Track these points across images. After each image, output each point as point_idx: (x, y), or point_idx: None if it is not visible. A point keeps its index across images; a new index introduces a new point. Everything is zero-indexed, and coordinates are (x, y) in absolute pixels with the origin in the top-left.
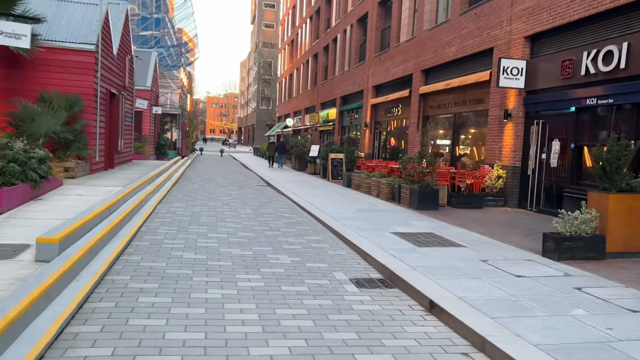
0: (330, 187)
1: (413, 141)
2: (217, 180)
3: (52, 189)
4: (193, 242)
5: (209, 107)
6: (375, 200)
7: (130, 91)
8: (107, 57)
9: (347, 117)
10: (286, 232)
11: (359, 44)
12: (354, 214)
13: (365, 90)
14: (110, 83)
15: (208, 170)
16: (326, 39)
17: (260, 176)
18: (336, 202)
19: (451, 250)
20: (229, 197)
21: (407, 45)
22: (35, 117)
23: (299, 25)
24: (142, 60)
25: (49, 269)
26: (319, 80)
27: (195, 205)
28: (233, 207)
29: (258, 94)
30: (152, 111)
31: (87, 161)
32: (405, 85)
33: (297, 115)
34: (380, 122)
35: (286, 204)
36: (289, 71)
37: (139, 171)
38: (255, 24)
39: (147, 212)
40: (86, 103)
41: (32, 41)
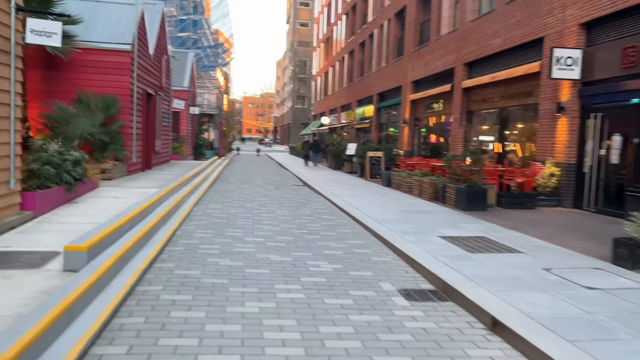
0: (368, 186)
1: (455, 137)
2: (253, 180)
3: (87, 191)
4: (229, 247)
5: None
6: (418, 201)
7: (167, 91)
8: (143, 57)
9: (384, 114)
10: (325, 235)
11: (396, 38)
12: (396, 216)
13: (403, 86)
14: (146, 83)
15: (245, 170)
16: (362, 35)
17: (296, 175)
18: (376, 203)
19: (508, 257)
20: (265, 198)
21: (449, 38)
22: (71, 119)
23: (334, 23)
24: (178, 60)
25: (75, 281)
26: (354, 77)
27: (232, 206)
28: (270, 209)
29: (293, 93)
30: (189, 111)
31: (124, 162)
32: (446, 80)
33: (332, 113)
34: (419, 118)
35: (324, 205)
36: (324, 69)
37: (176, 172)
38: (291, 23)
39: (183, 215)
40: (123, 104)
41: (69, 42)
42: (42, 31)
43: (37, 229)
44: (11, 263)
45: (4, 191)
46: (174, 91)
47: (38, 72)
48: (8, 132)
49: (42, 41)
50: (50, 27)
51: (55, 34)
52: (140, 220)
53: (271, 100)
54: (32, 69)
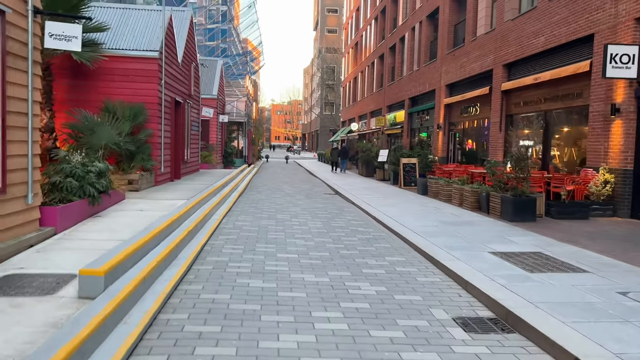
0: (403, 194)
1: (495, 143)
2: (283, 189)
3: (113, 204)
4: (261, 265)
5: (274, 115)
6: (459, 211)
7: (196, 99)
8: (171, 64)
9: (416, 119)
10: (363, 251)
11: (428, 41)
12: (438, 228)
13: (437, 90)
14: (174, 91)
15: (274, 178)
16: (392, 39)
17: (327, 183)
18: (414, 213)
19: (573, 277)
20: (297, 208)
21: (485, 38)
22: (95, 128)
23: (363, 28)
24: (207, 68)
25: (90, 311)
26: (385, 82)
27: (262, 218)
28: (302, 220)
29: (321, 100)
30: (218, 119)
31: (152, 172)
32: (484, 82)
33: (362, 119)
34: (454, 123)
35: (358, 216)
36: (353, 75)
37: (205, 181)
38: (318, 30)
39: (211, 228)
40: (150, 112)
41: (95, 50)
42: (61, 35)
43: (56, 247)
44: (23, 288)
45: (21, 207)
46: (203, 99)
47: (65, 81)
48: (25, 143)
49: (62, 45)
50: (70, 30)
51: (75, 37)
52: (166, 235)
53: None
54: (59, 78)
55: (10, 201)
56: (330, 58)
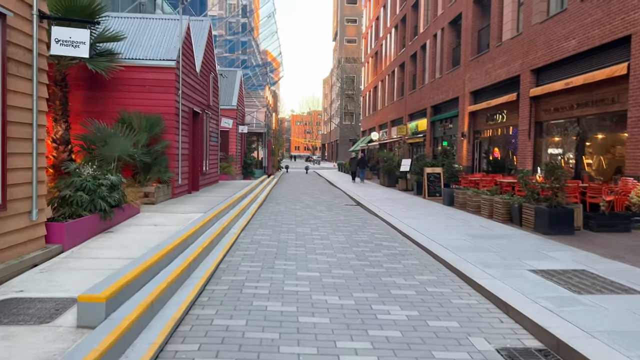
0: (428, 205)
1: (523, 151)
2: (303, 200)
3: (126, 218)
4: (280, 285)
5: (293, 125)
6: (489, 223)
7: (215, 110)
8: (189, 74)
9: (439, 128)
10: (390, 268)
11: (451, 48)
12: (469, 242)
13: (461, 97)
14: (192, 101)
15: (294, 189)
16: (413, 47)
17: (347, 194)
18: (441, 225)
19: (628, 299)
20: (317, 221)
21: (512, 43)
22: (108, 139)
23: (383, 36)
24: (226, 78)
25: (87, 344)
26: (406, 91)
27: (282, 231)
28: (323, 234)
29: (341, 110)
30: (238, 130)
31: (169, 185)
32: (510, 88)
33: (382, 128)
34: (480, 131)
35: (382, 229)
36: (373, 84)
37: (224, 193)
38: (337, 40)
39: (228, 243)
40: (167, 123)
41: (112, 59)
42: (68, 41)
43: (61, 267)
44: (18, 315)
45: (24, 223)
46: (222, 110)
47: (82, 92)
48: (30, 155)
49: (69, 52)
50: (78, 36)
51: (83, 43)
52: (180, 252)
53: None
54: (76, 89)
55: (11, 218)
56: (350, 68)
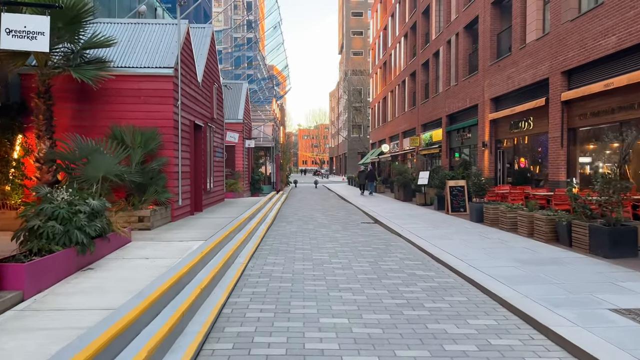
0: (453, 222)
1: (555, 160)
2: (316, 219)
3: (113, 250)
4: (299, 340)
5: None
6: (531, 243)
7: (220, 124)
8: (189, 84)
9: (456, 138)
10: (434, 309)
11: (467, 54)
12: (518, 270)
13: (480, 105)
14: (194, 113)
15: (305, 205)
16: (425, 55)
17: (362, 209)
18: (477, 248)
19: None
20: (335, 244)
21: (538, 44)
22: (91, 157)
23: (391, 46)
24: (231, 90)
25: None
26: (418, 101)
27: (296, 259)
28: (344, 261)
29: (349, 122)
30: (244, 145)
31: (168, 206)
32: (537, 93)
33: (393, 140)
34: (502, 140)
35: (410, 252)
36: (382, 95)
37: (230, 213)
38: (344, 53)
39: (233, 278)
40: (165, 137)
41: (102, 68)
42: (22, 31)
43: (12, 326)
44: None
45: None
46: (228, 124)
47: (68, 105)
48: None
49: (23, 45)
50: (35, 24)
51: (42, 34)
52: (172, 296)
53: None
54: (61, 102)
55: None
56: (357, 80)
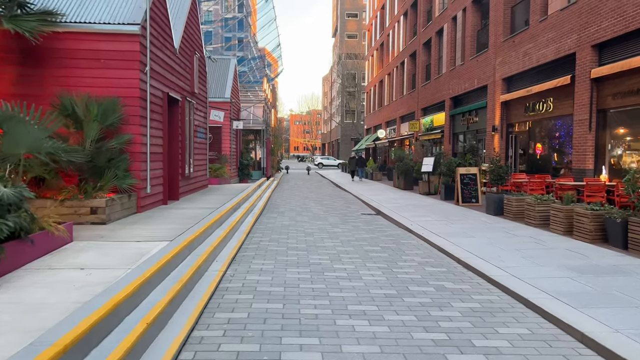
0: (469, 215)
1: (581, 146)
2: (311, 209)
3: (41, 255)
4: None
5: (292, 125)
6: (574, 244)
7: (203, 100)
8: (162, 48)
9: (461, 122)
10: (491, 352)
11: (475, 30)
12: (576, 281)
13: (490, 85)
14: (168, 84)
15: (297, 193)
16: (427, 34)
17: (360, 199)
18: (510, 249)
19: None
20: (335, 242)
21: (563, 15)
22: (5, 126)
23: (389, 26)
24: (217, 64)
25: None
26: (418, 83)
27: (289, 264)
28: (349, 267)
29: (342, 108)
30: (232, 126)
31: (132, 195)
32: (560, 71)
33: (390, 125)
34: (515, 124)
35: (429, 254)
36: (379, 78)
37: (212, 202)
38: (337, 35)
39: (204, 295)
40: (129, 110)
41: (47, 21)
42: None
43: None
44: None
45: None
46: (214, 103)
47: (9, 69)
48: None
49: None
50: None
51: None
52: (93, 345)
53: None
54: (2, 65)
55: None
56: (351, 64)
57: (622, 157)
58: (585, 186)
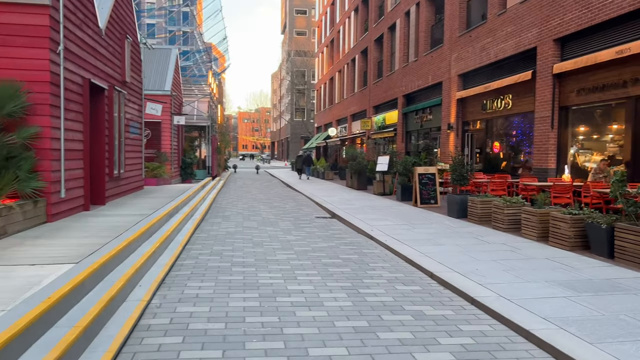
0: (431, 219)
1: (543, 144)
2: (260, 212)
3: None
4: None
5: (241, 123)
6: (552, 252)
7: (137, 91)
8: (83, 26)
9: (414, 120)
10: None
11: (429, 25)
12: (575, 302)
13: (445, 82)
14: (90, 69)
15: (245, 193)
16: (379, 29)
17: (313, 199)
18: (487, 260)
19: None
20: (289, 253)
21: (522, 9)
22: None
23: (340, 22)
24: (155, 52)
25: None
26: (369, 80)
27: (233, 287)
28: (307, 288)
29: (292, 105)
30: (173, 122)
31: (40, 201)
32: (520, 66)
33: (341, 123)
34: (471, 122)
35: (396, 266)
36: (329, 75)
37: (144, 208)
38: (286, 32)
39: (114, 342)
40: (36, 97)
41: None
42: None
43: None
44: None
45: None
46: (152, 95)
47: None
48: None
49: None
50: None
51: None
52: None
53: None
54: None
55: None
56: (300, 62)
57: (586, 155)
58: (551, 187)
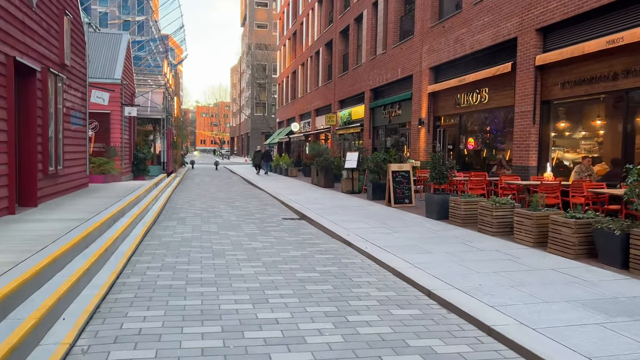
0: (408, 220)
1: (524, 141)
2: (220, 213)
3: None
4: None
5: (199, 117)
6: (554, 260)
7: (79, 77)
8: None
9: (382, 115)
10: None
11: (399, 16)
12: (613, 331)
13: (416, 75)
14: (16, 45)
15: (204, 192)
16: (345, 20)
17: (278, 198)
18: (488, 272)
19: None
20: (257, 267)
21: None
22: None
23: (303, 14)
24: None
25: None
26: (335, 74)
27: (188, 316)
28: (282, 316)
29: (252, 100)
30: (124, 113)
31: None
32: (498, 58)
33: (304, 118)
34: (443, 117)
35: (384, 282)
36: (291, 68)
37: (85, 210)
38: (246, 25)
39: None
40: None
41: None
42: None
43: None
44: None
45: None
46: (100, 84)
47: None
48: None
49: None
50: None
51: None
52: None
53: (226, 110)
54: None
55: None
56: (261, 55)
57: (570, 152)
58: (539, 186)
